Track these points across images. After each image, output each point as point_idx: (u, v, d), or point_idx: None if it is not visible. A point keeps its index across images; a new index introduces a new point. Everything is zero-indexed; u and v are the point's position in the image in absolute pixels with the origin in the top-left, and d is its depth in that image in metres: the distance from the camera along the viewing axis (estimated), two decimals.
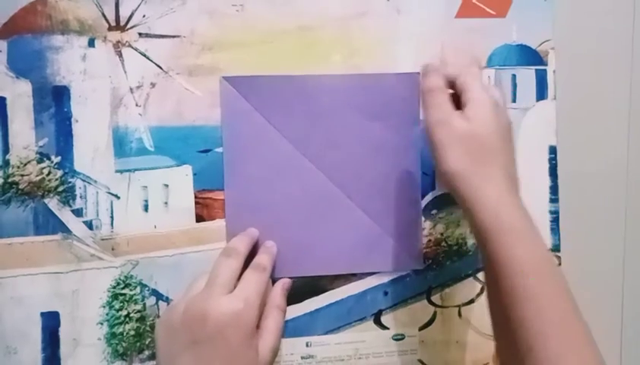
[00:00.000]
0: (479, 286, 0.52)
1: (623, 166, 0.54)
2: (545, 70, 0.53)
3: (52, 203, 0.48)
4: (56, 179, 0.48)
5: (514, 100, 0.53)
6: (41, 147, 0.47)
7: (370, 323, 0.51)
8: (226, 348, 0.40)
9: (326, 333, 0.50)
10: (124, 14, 0.48)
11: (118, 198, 0.48)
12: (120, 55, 0.48)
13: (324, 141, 0.49)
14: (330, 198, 0.50)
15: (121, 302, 0.48)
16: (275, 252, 0.48)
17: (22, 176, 0.47)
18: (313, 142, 0.49)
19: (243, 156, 0.48)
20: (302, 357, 0.50)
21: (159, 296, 0.49)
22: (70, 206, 0.48)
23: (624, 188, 0.54)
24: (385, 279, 0.51)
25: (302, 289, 0.50)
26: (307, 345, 0.50)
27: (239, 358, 0.41)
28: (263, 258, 0.46)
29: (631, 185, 0.54)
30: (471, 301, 0.52)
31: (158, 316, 0.48)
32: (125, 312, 0.48)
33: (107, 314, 0.48)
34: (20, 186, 0.47)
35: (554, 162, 0.53)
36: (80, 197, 0.48)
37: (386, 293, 0.51)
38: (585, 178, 0.53)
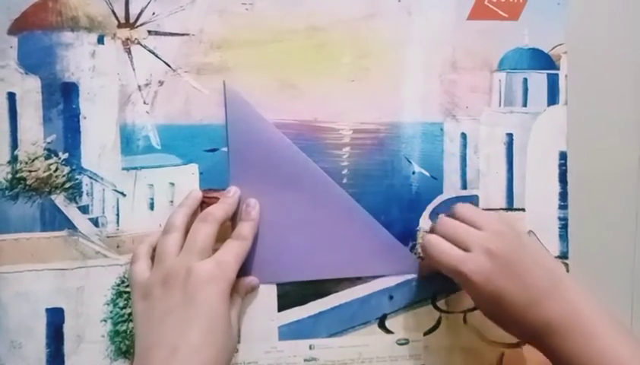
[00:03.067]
0: None
1: (634, 173, 0.53)
2: (557, 74, 0.52)
3: (59, 199, 0.48)
4: (63, 176, 0.48)
5: (525, 104, 0.52)
6: (49, 143, 0.48)
7: (374, 327, 0.50)
8: (207, 308, 0.42)
9: (330, 336, 0.50)
10: (133, 11, 0.48)
11: (125, 195, 0.48)
12: (129, 52, 0.48)
13: None
14: (335, 199, 0.49)
15: (125, 300, 0.48)
16: (256, 217, 0.47)
17: (30, 171, 0.47)
18: None
19: (248, 156, 0.48)
20: (305, 360, 0.50)
21: None
22: (76, 203, 0.48)
23: (634, 195, 0.53)
24: (391, 283, 0.50)
25: (306, 291, 0.49)
26: (310, 348, 0.50)
27: (219, 319, 0.42)
28: (244, 228, 0.46)
29: None
30: (477, 307, 0.51)
31: None
32: (128, 310, 0.48)
33: (111, 311, 0.48)
34: (28, 182, 0.47)
35: (564, 168, 0.52)
36: (87, 194, 0.48)
37: (391, 298, 0.50)
38: (595, 184, 0.53)
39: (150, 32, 0.48)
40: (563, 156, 0.52)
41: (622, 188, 0.53)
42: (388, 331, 0.50)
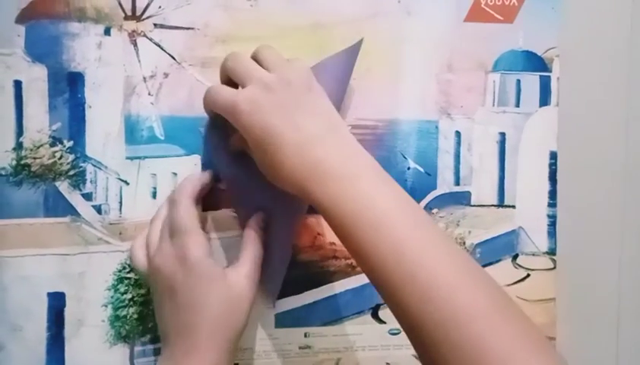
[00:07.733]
0: None
1: (621, 173, 0.55)
2: (549, 76, 0.54)
3: (63, 186, 0.49)
4: (68, 163, 0.49)
5: (517, 105, 0.54)
6: (54, 131, 0.48)
7: (368, 317, 0.52)
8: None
9: (324, 324, 0.51)
10: (140, 4, 0.49)
11: (128, 184, 0.49)
12: (135, 44, 0.49)
13: None
14: None
15: (126, 285, 0.49)
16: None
17: (34, 158, 0.48)
18: None
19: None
20: (300, 347, 0.51)
21: None
22: (80, 190, 0.49)
23: (622, 195, 0.55)
24: None
25: (301, 281, 0.51)
26: (305, 336, 0.51)
27: (209, 282, 0.42)
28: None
29: (628, 193, 0.55)
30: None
31: None
32: (129, 296, 0.49)
33: (112, 297, 0.49)
34: (32, 169, 0.48)
35: (554, 167, 0.54)
36: (91, 181, 0.49)
37: None
38: (584, 183, 0.54)
39: (156, 25, 0.49)
40: (553, 155, 0.54)
41: (609, 187, 0.55)
42: (381, 321, 0.52)
